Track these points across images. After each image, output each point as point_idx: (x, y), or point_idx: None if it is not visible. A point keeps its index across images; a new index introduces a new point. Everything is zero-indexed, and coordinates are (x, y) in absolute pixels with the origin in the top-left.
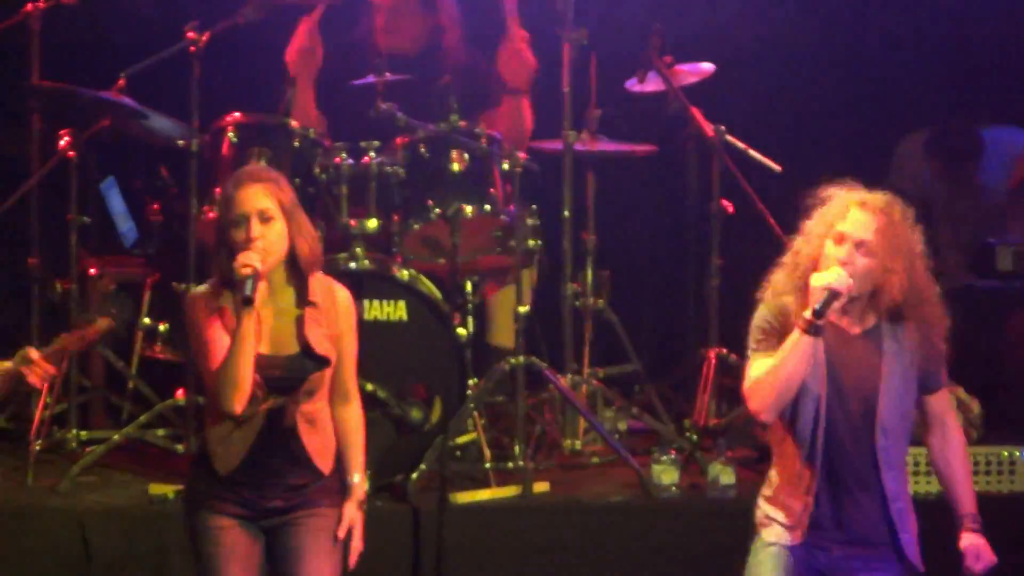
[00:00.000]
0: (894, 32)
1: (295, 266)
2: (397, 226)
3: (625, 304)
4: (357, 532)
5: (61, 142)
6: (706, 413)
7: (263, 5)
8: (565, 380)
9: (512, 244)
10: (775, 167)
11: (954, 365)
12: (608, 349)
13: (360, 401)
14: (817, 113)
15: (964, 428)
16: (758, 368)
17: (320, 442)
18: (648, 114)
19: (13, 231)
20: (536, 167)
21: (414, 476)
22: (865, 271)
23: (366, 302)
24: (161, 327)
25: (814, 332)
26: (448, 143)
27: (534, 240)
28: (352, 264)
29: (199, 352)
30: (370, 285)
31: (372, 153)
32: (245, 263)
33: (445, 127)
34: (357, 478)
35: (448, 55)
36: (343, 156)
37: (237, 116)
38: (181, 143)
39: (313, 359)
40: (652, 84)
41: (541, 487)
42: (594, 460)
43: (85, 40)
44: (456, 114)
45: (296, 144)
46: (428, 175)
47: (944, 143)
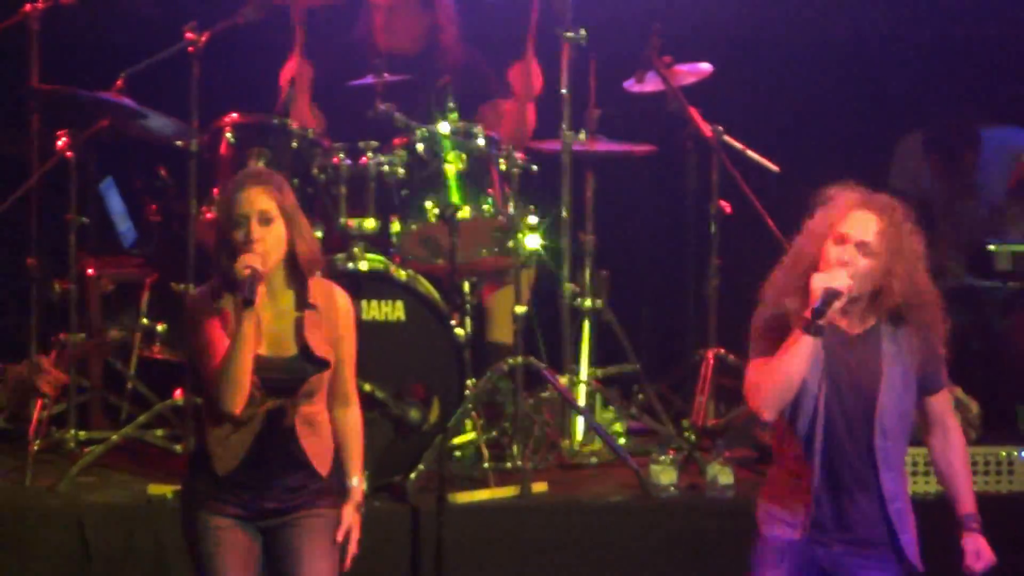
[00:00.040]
0: (894, 32)
1: (295, 268)
2: (395, 226)
3: (624, 304)
4: (353, 535)
5: (60, 142)
6: (705, 413)
7: (262, 5)
8: (564, 380)
9: (510, 244)
10: (773, 167)
11: (953, 365)
12: (607, 349)
13: (359, 404)
14: (816, 113)
15: (963, 428)
16: (759, 367)
17: (318, 444)
18: (647, 114)
19: (12, 231)
20: (535, 167)
21: (413, 476)
22: (866, 272)
23: (364, 302)
24: (160, 327)
25: (815, 332)
26: (446, 144)
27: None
28: (350, 264)
29: (199, 353)
30: (368, 285)
31: (371, 153)
32: (245, 264)
33: (444, 128)
34: (355, 481)
35: (446, 54)
36: (341, 156)
37: (236, 116)
38: (180, 143)
39: (312, 361)
40: (651, 84)
41: (540, 487)
42: (593, 460)
43: (84, 40)
44: (455, 114)
45: (295, 144)
46: (426, 175)
47: (942, 141)
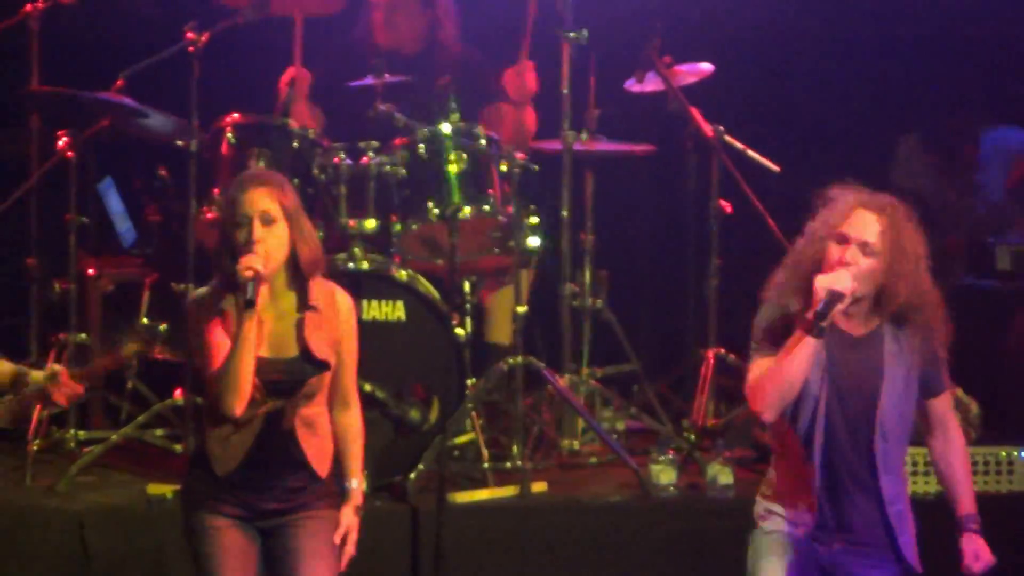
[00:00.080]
0: (893, 31)
1: (297, 270)
2: (396, 226)
3: (623, 304)
4: (351, 537)
5: (60, 142)
6: (704, 413)
7: (262, 6)
8: (563, 380)
9: (511, 244)
10: (773, 167)
11: (953, 365)
12: (606, 349)
13: (359, 406)
14: (816, 113)
15: (963, 428)
16: (760, 368)
17: (318, 446)
18: (647, 114)
19: (12, 231)
20: (535, 167)
21: (412, 476)
22: (868, 272)
23: (365, 302)
24: (160, 327)
25: (817, 333)
26: (447, 144)
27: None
28: (351, 264)
29: (200, 354)
30: (368, 285)
31: (371, 153)
32: (248, 266)
33: (444, 128)
34: (355, 483)
35: (445, 51)
36: (342, 156)
37: (236, 116)
38: (180, 143)
39: (312, 363)
40: (651, 84)
41: (539, 487)
42: (592, 460)
43: (84, 40)
44: (455, 114)
45: (295, 144)
46: (427, 175)
47: (941, 138)
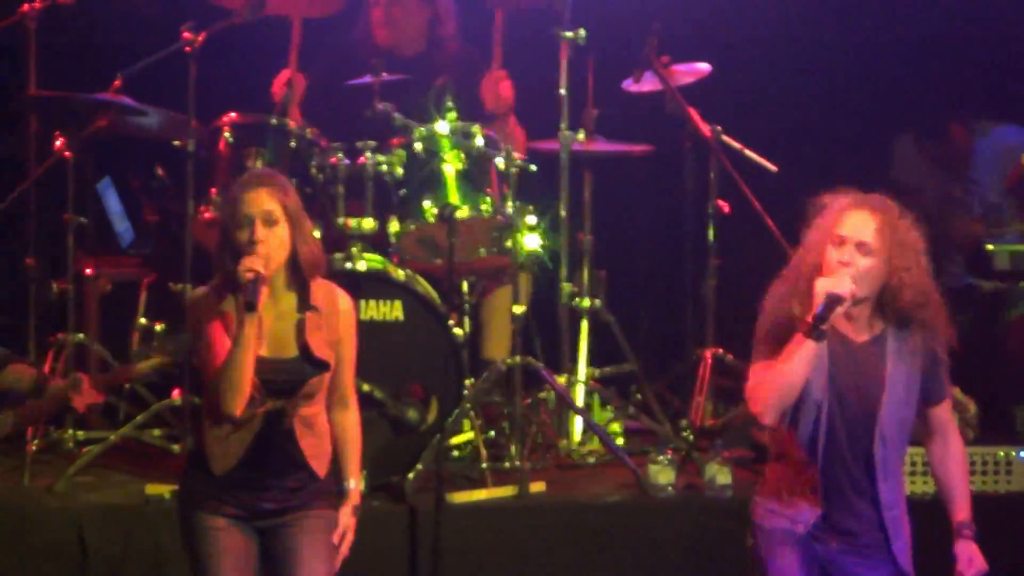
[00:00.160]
0: (893, 31)
1: (297, 270)
2: (394, 226)
3: (622, 304)
4: (348, 537)
5: (57, 143)
6: (703, 413)
7: (257, 7)
8: (562, 380)
9: (509, 244)
10: (772, 167)
11: (952, 365)
12: (605, 349)
13: (358, 406)
14: (814, 113)
15: (960, 428)
16: (761, 371)
17: (317, 445)
18: (645, 114)
19: (10, 231)
20: (533, 167)
21: (411, 476)
22: (868, 271)
23: (363, 302)
24: (157, 327)
25: (817, 337)
26: (444, 143)
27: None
28: (348, 264)
29: (200, 354)
30: (367, 285)
31: (369, 153)
32: (249, 267)
33: (442, 127)
34: (353, 484)
35: (444, 47)
36: (340, 156)
37: (233, 116)
38: (178, 143)
39: (312, 363)
40: (649, 84)
41: (537, 487)
42: (590, 460)
43: (82, 40)
44: (453, 114)
45: (293, 144)
46: (425, 175)
47: (937, 138)
